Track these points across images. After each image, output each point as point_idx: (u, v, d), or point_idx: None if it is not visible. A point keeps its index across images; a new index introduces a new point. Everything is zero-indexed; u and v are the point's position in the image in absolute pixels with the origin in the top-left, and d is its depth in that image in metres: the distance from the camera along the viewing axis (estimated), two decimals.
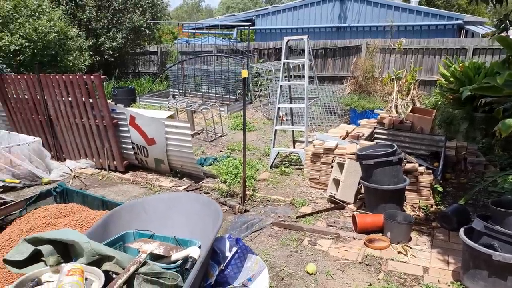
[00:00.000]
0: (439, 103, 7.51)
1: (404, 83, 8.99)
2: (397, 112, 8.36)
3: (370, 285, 3.12)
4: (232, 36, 18.05)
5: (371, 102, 8.67)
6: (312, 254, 3.64)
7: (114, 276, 2.17)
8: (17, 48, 10.79)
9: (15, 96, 6.84)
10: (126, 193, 5.43)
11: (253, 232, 4.15)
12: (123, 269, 2.17)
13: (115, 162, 6.35)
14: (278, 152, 6.47)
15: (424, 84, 10.01)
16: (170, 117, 6.47)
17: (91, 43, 13.32)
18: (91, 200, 4.29)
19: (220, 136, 8.42)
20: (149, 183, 5.74)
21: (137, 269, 2.17)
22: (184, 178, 5.92)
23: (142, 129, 5.91)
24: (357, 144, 5.31)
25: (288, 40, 6.23)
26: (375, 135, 6.60)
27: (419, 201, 4.48)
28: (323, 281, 3.23)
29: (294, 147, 6.93)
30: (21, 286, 2.00)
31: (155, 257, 2.37)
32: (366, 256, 3.58)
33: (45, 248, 2.22)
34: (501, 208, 2.94)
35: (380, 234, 3.90)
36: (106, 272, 2.15)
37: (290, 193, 5.22)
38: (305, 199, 4.96)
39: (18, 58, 10.76)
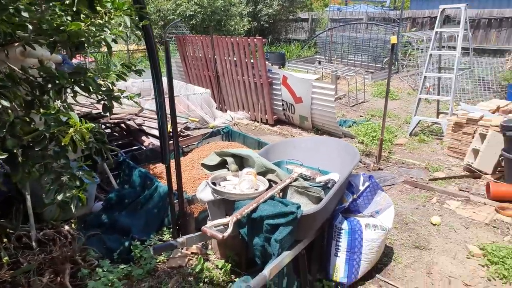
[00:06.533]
0: None
1: None
2: None
3: (494, 242, 3.33)
4: (386, 3, 17.44)
5: None
6: (438, 210, 3.95)
7: (273, 185, 2.97)
8: (191, 13, 12.64)
9: (191, 54, 8.34)
10: (274, 142, 6.37)
11: (384, 186, 4.59)
12: (281, 180, 2.95)
13: (266, 116, 7.36)
14: (419, 121, 6.56)
15: None
16: (316, 80, 7.12)
17: (250, 9, 14.66)
18: (249, 140, 5.29)
19: (361, 102, 8.75)
20: (293, 136, 6.56)
21: (290, 183, 2.93)
22: (324, 136, 6.58)
23: (292, 88, 6.70)
24: (505, 118, 5.13)
25: (444, 9, 6.13)
26: None
27: None
28: (446, 232, 3.56)
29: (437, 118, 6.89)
30: (215, 179, 2.94)
31: (303, 178, 3.09)
32: (495, 220, 3.73)
33: (229, 159, 3.15)
34: None
35: None
36: (269, 181, 2.96)
37: (426, 158, 5.41)
38: (440, 165, 5.12)
39: (192, 22, 12.65)
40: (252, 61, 7.10)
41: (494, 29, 10.70)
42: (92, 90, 1.93)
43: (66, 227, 3.17)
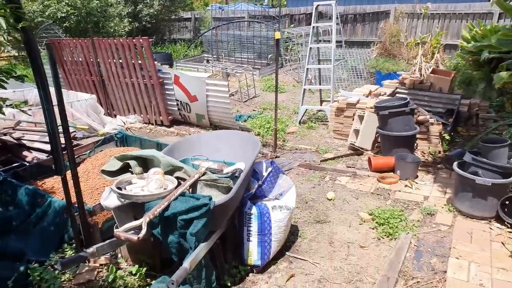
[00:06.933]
0: (460, 65, 7.84)
1: (429, 47, 9.27)
2: (420, 74, 8.72)
3: (379, 207, 3.83)
4: (264, 1, 18.34)
5: (395, 65, 9.07)
6: (332, 187, 4.39)
7: (182, 182, 2.98)
8: (63, 15, 11.64)
9: (70, 58, 7.72)
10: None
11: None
12: (189, 177, 2.97)
13: (161, 117, 7.21)
14: (306, 110, 7.12)
15: (449, 48, 10.23)
16: (209, 78, 7.21)
17: (129, 10, 14.07)
18: (147, 144, 5.12)
19: (253, 97, 9.12)
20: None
21: (199, 177, 2.97)
22: (225, 130, 6.71)
23: (186, 87, 6.68)
24: (377, 100, 5.89)
25: (318, 5, 6.74)
26: (397, 95, 7.10)
27: (429, 148, 5.11)
28: (340, 204, 3.98)
29: (321, 106, 7.56)
30: (119, 184, 2.82)
31: (211, 172, 3.16)
32: (378, 189, 4.29)
33: (132, 162, 3.05)
34: (487, 143, 3.55)
35: (391, 173, 4.58)
36: (177, 179, 2.95)
37: (316, 143, 5.92)
38: (328, 147, 5.66)
39: (65, 24, 11.66)
40: (140, 62, 6.88)
41: (359, 23, 12.09)
42: None
43: None
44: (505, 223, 3.44)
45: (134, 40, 6.74)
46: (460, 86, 7.09)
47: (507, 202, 3.47)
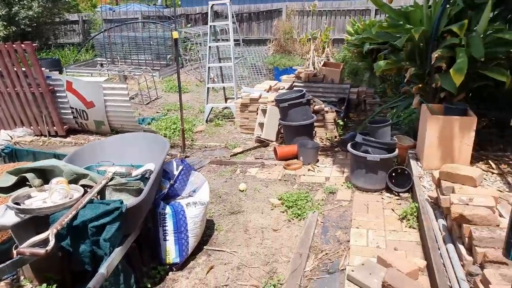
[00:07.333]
0: (347, 57, 8.67)
1: (319, 42, 10.05)
2: (314, 68, 9.40)
3: (287, 192, 4.09)
4: (158, 1, 17.93)
5: (291, 61, 9.64)
6: (243, 179, 4.55)
7: (89, 189, 2.84)
8: None
9: None
10: None
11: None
12: (96, 183, 2.85)
13: (55, 128, 6.64)
14: (212, 108, 7.21)
15: (337, 42, 11.18)
16: (106, 81, 6.87)
17: (3, 12, 12.63)
18: (42, 156, 4.69)
19: (155, 99, 8.91)
20: None
21: (107, 183, 2.86)
22: (129, 133, 6.45)
23: (80, 93, 6.26)
24: (277, 94, 6.23)
25: (213, 5, 6.85)
26: (294, 88, 7.57)
27: (326, 134, 5.60)
28: (252, 194, 4.15)
29: (226, 103, 7.71)
30: (17, 199, 2.59)
31: (120, 176, 3.06)
32: (285, 175, 4.58)
33: (29, 175, 2.81)
34: (373, 124, 4.04)
35: (296, 159, 4.90)
36: (83, 187, 2.81)
37: (224, 139, 6.04)
38: (237, 142, 5.83)
39: None
40: (24, 69, 6.27)
41: (255, 22, 12.55)
42: None
43: None
44: (393, 192, 3.95)
45: (14, 46, 6.12)
46: (348, 76, 7.84)
47: (393, 174, 3.98)
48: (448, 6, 4.15)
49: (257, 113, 5.98)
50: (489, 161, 4.05)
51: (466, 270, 2.47)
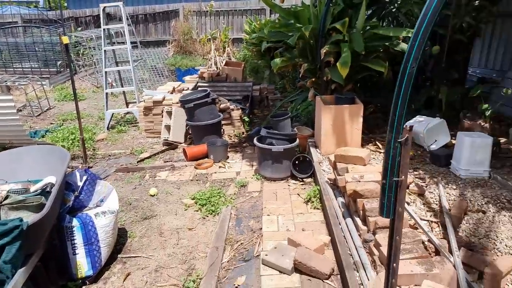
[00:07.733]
0: (247, 56, 8.97)
1: (220, 42, 10.22)
2: (216, 67, 9.54)
3: (200, 191, 4.14)
4: (40, 4, 16.45)
5: (193, 61, 9.66)
6: (153, 183, 4.47)
7: None
8: None
9: None
10: None
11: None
12: None
13: None
14: (113, 114, 6.90)
15: (237, 41, 11.49)
16: None
17: None
18: None
19: (47, 109, 8.23)
20: None
21: (1, 202, 2.62)
22: (20, 147, 5.87)
23: None
24: (181, 95, 6.22)
25: (104, 7, 6.55)
26: (198, 88, 7.61)
27: (234, 131, 5.77)
28: (164, 197, 4.12)
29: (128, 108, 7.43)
30: None
31: (17, 193, 2.82)
32: (196, 175, 4.62)
33: None
34: (275, 118, 4.30)
35: (206, 158, 4.97)
36: None
37: (129, 145, 5.85)
38: (143, 147, 5.68)
39: None
40: None
41: (151, 23, 12.25)
42: None
43: None
44: (298, 178, 4.26)
45: None
46: (250, 74, 8.13)
47: (297, 162, 4.28)
48: (331, 5, 4.59)
49: (162, 116, 5.90)
50: (377, 142, 4.57)
51: (363, 238, 2.80)
